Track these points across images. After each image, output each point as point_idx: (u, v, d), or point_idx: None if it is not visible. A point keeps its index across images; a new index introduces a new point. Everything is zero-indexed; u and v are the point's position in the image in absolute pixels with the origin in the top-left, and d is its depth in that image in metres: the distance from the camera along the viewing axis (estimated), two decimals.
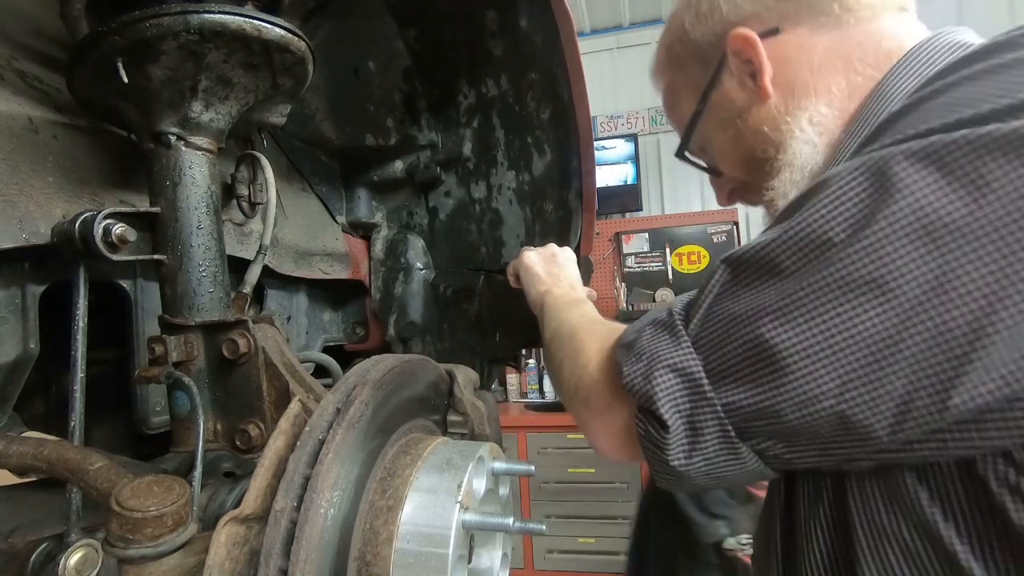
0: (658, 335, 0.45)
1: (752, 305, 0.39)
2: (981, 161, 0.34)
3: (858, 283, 0.35)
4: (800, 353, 0.36)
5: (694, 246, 4.00)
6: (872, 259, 0.35)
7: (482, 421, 0.62)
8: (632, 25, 4.53)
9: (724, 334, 0.40)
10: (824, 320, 0.36)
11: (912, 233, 0.34)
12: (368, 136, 1.10)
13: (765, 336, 0.38)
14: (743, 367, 0.39)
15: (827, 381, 0.36)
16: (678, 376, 0.42)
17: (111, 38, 0.54)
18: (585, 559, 3.12)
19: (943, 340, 0.33)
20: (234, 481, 0.56)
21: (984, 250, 0.33)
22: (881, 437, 0.36)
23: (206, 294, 0.61)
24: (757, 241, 0.42)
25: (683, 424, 0.42)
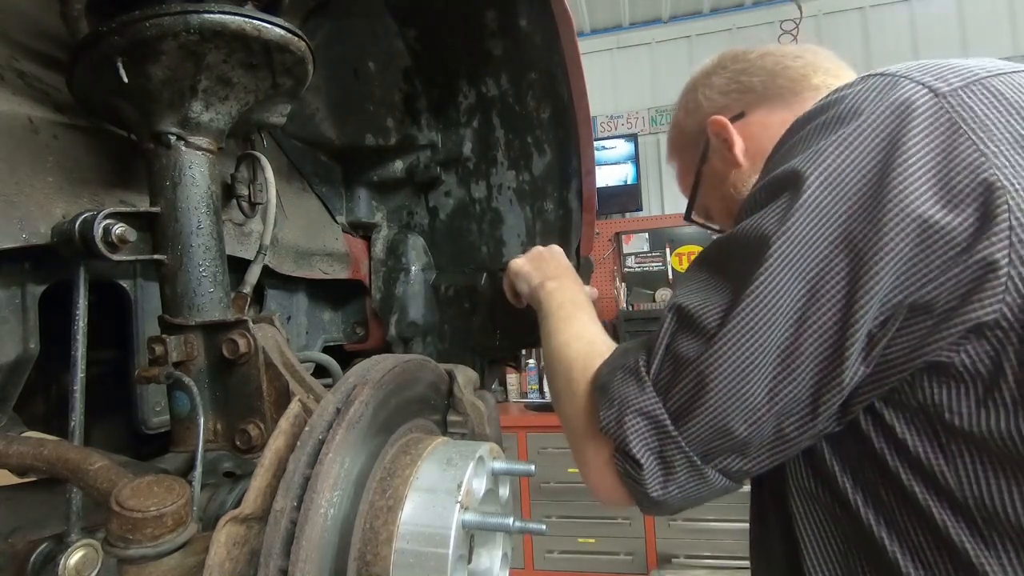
0: (626, 381, 0.52)
1: (692, 348, 0.49)
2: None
3: (760, 314, 0.46)
4: (730, 377, 0.46)
5: (694, 246, 4.00)
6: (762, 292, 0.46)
7: (482, 421, 0.62)
8: (632, 25, 4.53)
9: (675, 376, 0.49)
10: (740, 347, 0.46)
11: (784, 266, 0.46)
12: (368, 136, 1.10)
13: (703, 371, 0.47)
14: (694, 401, 0.47)
15: (757, 393, 0.45)
16: (645, 419, 0.49)
17: (111, 38, 0.54)
18: (585, 559, 3.12)
19: (824, 335, 0.44)
20: (234, 481, 0.56)
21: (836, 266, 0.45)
22: (808, 429, 0.46)
23: (206, 294, 0.61)
24: (688, 285, 0.53)
25: (655, 460, 0.49)
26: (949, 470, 0.44)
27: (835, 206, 0.45)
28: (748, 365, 0.45)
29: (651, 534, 3.05)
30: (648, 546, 3.05)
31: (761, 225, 0.48)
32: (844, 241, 0.44)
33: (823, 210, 0.45)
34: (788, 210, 0.46)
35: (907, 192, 0.43)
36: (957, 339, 0.42)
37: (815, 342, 0.44)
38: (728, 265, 0.50)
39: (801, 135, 0.52)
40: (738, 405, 0.45)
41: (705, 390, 0.46)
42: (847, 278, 0.44)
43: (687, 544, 3.00)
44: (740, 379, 0.45)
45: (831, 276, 0.44)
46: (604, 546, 3.10)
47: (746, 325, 0.45)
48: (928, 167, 0.44)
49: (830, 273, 0.44)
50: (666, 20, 4.46)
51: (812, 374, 0.45)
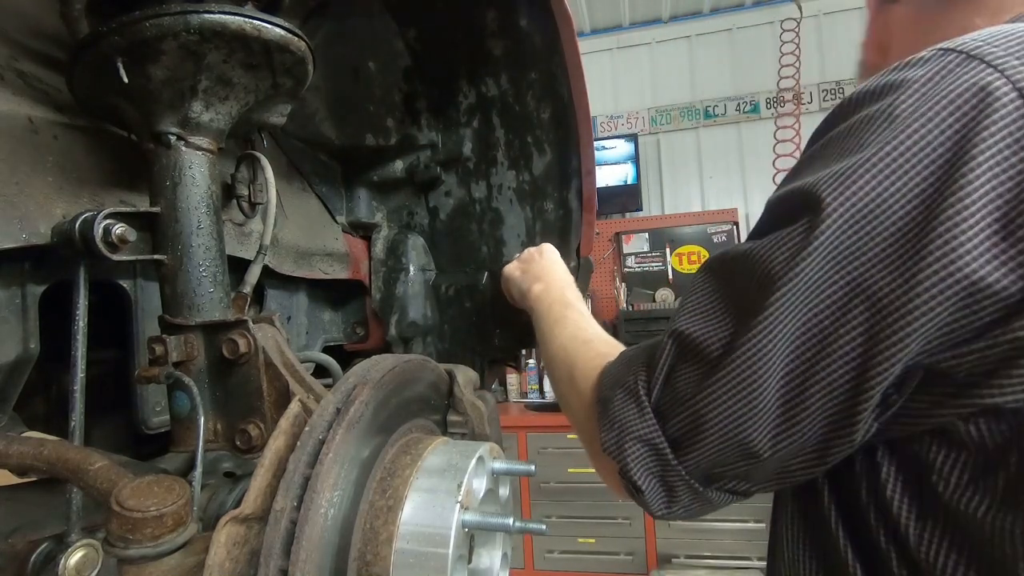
0: (626, 403, 0.50)
1: (690, 382, 0.46)
2: None
3: (761, 359, 0.41)
4: (728, 423, 0.43)
5: (694, 246, 4.00)
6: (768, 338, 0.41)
7: (482, 421, 0.62)
8: (632, 25, 4.53)
9: (674, 408, 0.47)
10: (740, 391, 0.42)
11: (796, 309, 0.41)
12: (368, 136, 1.10)
13: (701, 411, 0.44)
14: (692, 436, 0.45)
15: (759, 439, 0.42)
16: (645, 446, 0.48)
17: (111, 38, 0.54)
18: (585, 559, 3.12)
19: (836, 393, 0.39)
20: (234, 481, 0.56)
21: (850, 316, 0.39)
22: (816, 469, 0.44)
23: (206, 294, 0.61)
24: (689, 312, 0.48)
25: (657, 484, 0.48)
26: (914, 528, 0.41)
27: (859, 249, 0.38)
28: (747, 410, 0.42)
29: (651, 534, 3.05)
30: (648, 546, 3.05)
31: (772, 256, 0.42)
32: (865, 292, 0.38)
33: (843, 253, 0.38)
34: (803, 245, 0.40)
35: (958, 243, 0.35)
36: (971, 413, 0.38)
37: (823, 398, 0.40)
38: (734, 291, 0.46)
39: (843, 129, 0.43)
40: (737, 446, 0.43)
41: (702, 428, 0.44)
42: (865, 335, 0.38)
43: (687, 544, 3.00)
44: (738, 423, 0.42)
45: (846, 330, 0.38)
46: (604, 546, 3.10)
47: (747, 368, 0.41)
48: (993, 203, 0.35)
49: (846, 327, 0.38)
50: (666, 20, 4.46)
51: (819, 429, 0.41)
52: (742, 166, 4.23)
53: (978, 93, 0.36)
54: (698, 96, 4.35)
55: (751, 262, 0.44)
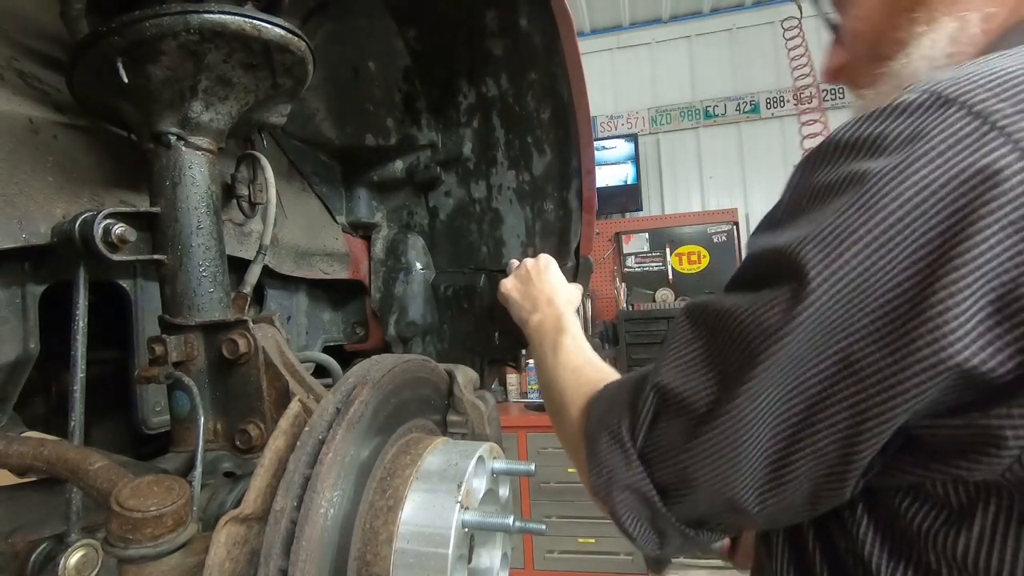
0: (612, 449, 0.49)
1: (674, 438, 0.45)
2: None
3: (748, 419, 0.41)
4: (715, 482, 0.43)
5: (694, 246, 4.01)
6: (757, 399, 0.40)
7: (482, 421, 0.62)
8: (632, 25, 4.53)
9: (660, 460, 0.46)
10: (728, 451, 0.42)
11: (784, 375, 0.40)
12: (368, 136, 1.10)
13: (687, 468, 0.44)
14: (680, 488, 0.45)
15: (747, 496, 0.42)
16: (634, 494, 0.48)
17: (111, 38, 0.54)
18: (585, 559, 3.12)
19: (825, 458, 0.39)
20: (234, 481, 0.56)
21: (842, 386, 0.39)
22: (803, 518, 0.45)
23: (206, 294, 0.61)
24: (673, 367, 0.46)
25: (648, 529, 0.48)
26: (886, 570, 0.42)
27: (848, 323, 0.37)
28: (734, 470, 0.42)
29: None
30: None
31: (758, 322, 0.40)
32: (853, 367, 0.37)
33: (831, 326, 0.37)
34: (788, 317, 0.38)
35: (950, 327, 0.33)
36: (941, 477, 0.38)
37: (810, 465, 0.40)
38: (718, 350, 0.44)
39: (828, 181, 0.40)
40: (725, 501, 0.43)
41: (690, 483, 0.44)
42: (852, 410, 0.37)
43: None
44: (726, 482, 0.42)
45: (834, 403, 0.38)
46: (604, 546, 3.10)
47: (733, 431, 0.41)
48: (989, 284, 0.33)
49: (833, 399, 0.38)
50: (666, 20, 4.46)
51: (806, 491, 0.41)
52: (742, 166, 4.23)
53: (983, 170, 0.33)
54: (698, 96, 4.36)
55: (736, 324, 0.42)
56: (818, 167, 0.42)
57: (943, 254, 0.34)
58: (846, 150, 0.40)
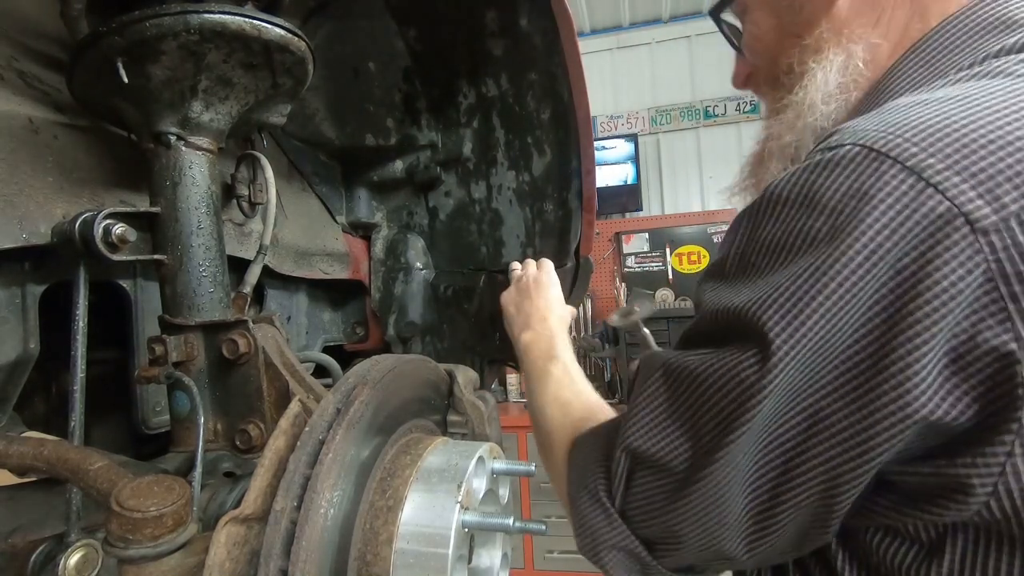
0: (593, 509, 0.49)
1: (654, 499, 0.46)
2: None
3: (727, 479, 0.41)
4: (702, 537, 0.43)
5: (694, 246, 4.00)
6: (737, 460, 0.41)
7: (482, 421, 0.62)
8: (632, 25, 4.53)
9: (643, 519, 0.46)
10: (712, 509, 0.42)
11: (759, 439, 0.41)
12: (368, 136, 1.10)
13: (673, 527, 0.44)
14: (668, 545, 0.46)
15: (735, 547, 0.43)
16: (622, 552, 0.48)
17: (111, 38, 0.54)
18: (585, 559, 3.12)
19: (811, 507, 0.40)
20: (234, 481, 0.56)
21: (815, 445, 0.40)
22: (788, 555, 0.46)
23: (206, 294, 0.61)
24: (643, 428, 0.46)
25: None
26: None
27: (815, 383, 0.38)
28: (720, 527, 0.42)
29: None
30: None
31: (727, 388, 0.41)
32: (823, 423, 0.38)
33: (798, 387, 0.38)
34: (757, 384, 0.39)
35: (912, 383, 0.34)
36: (913, 521, 0.40)
37: (792, 516, 0.40)
38: (688, 413, 0.44)
39: (776, 234, 0.41)
40: (714, 553, 0.44)
41: (678, 542, 0.45)
42: (825, 464, 0.38)
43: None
44: (713, 537, 0.43)
45: (808, 458, 0.39)
46: None
47: (714, 492, 0.42)
48: (944, 337, 0.34)
49: (807, 454, 0.39)
50: (666, 20, 4.46)
51: (793, 534, 0.42)
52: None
53: (926, 228, 0.34)
54: (698, 96, 4.35)
55: (707, 388, 0.42)
56: (764, 222, 0.42)
57: (897, 311, 0.35)
58: (789, 205, 0.40)
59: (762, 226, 0.42)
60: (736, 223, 0.46)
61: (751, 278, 0.42)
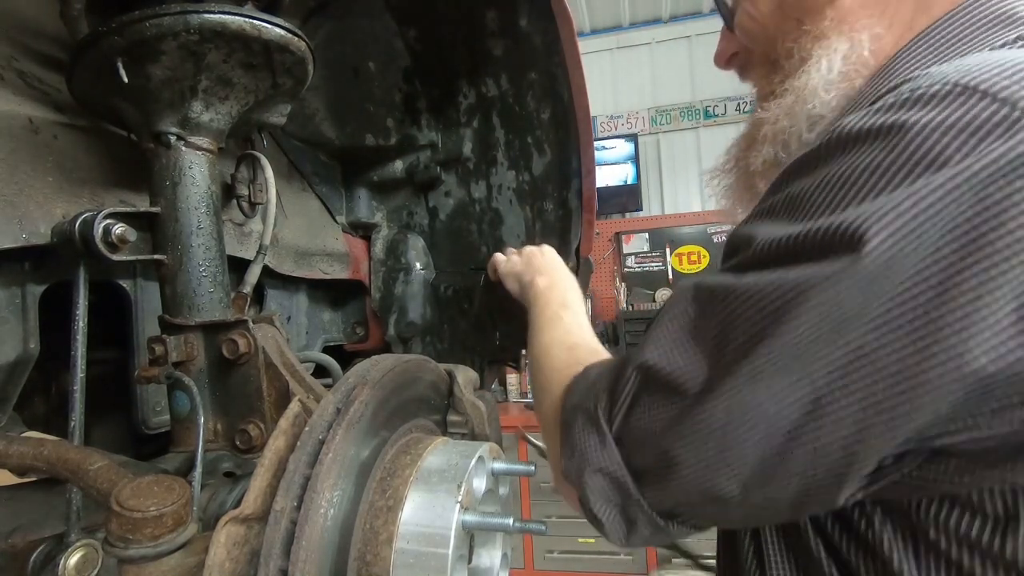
0: (587, 431, 0.47)
1: (658, 419, 0.43)
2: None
3: (743, 407, 0.38)
4: (700, 468, 0.40)
5: (694, 246, 4.01)
6: (755, 387, 0.38)
7: (482, 421, 0.62)
8: (632, 25, 4.53)
9: (640, 442, 0.44)
10: (718, 438, 0.39)
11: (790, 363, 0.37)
12: (368, 136, 1.10)
13: (670, 452, 0.42)
14: (659, 474, 0.43)
15: (729, 488, 0.40)
16: (607, 478, 0.46)
17: (111, 38, 0.54)
18: (585, 559, 3.12)
19: (823, 460, 0.37)
20: (234, 481, 0.56)
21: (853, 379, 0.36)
22: (785, 519, 0.43)
23: (206, 294, 0.61)
24: (659, 347, 0.44)
25: (617, 516, 0.46)
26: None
27: (866, 312, 0.35)
28: (721, 458, 0.39)
29: None
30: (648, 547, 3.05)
31: (764, 304, 0.38)
32: (869, 358, 0.35)
33: (848, 313, 0.35)
34: (799, 299, 0.36)
35: (977, 328, 0.32)
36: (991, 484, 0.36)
37: (807, 461, 0.37)
38: (714, 329, 0.42)
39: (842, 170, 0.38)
40: (706, 492, 0.41)
41: (671, 470, 0.42)
42: (863, 403, 0.35)
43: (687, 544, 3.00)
44: (710, 469, 0.40)
45: (843, 395, 0.35)
46: (604, 546, 3.10)
47: (726, 415, 0.39)
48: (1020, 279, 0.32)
49: (844, 391, 0.35)
50: (666, 20, 4.46)
51: (796, 489, 0.38)
52: None
53: (1017, 157, 0.32)
54: (698, 96, 4.35)
55: (738, 303, 0.40)
56: (837, 159, 0.40)
57: (975, 247, 0.32)
58: (870, 140, 0.38)
59: (835, 162, 0.39)
60: (787, 174, 0.43)
61: (820, 213, 0.39)
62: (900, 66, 0.48)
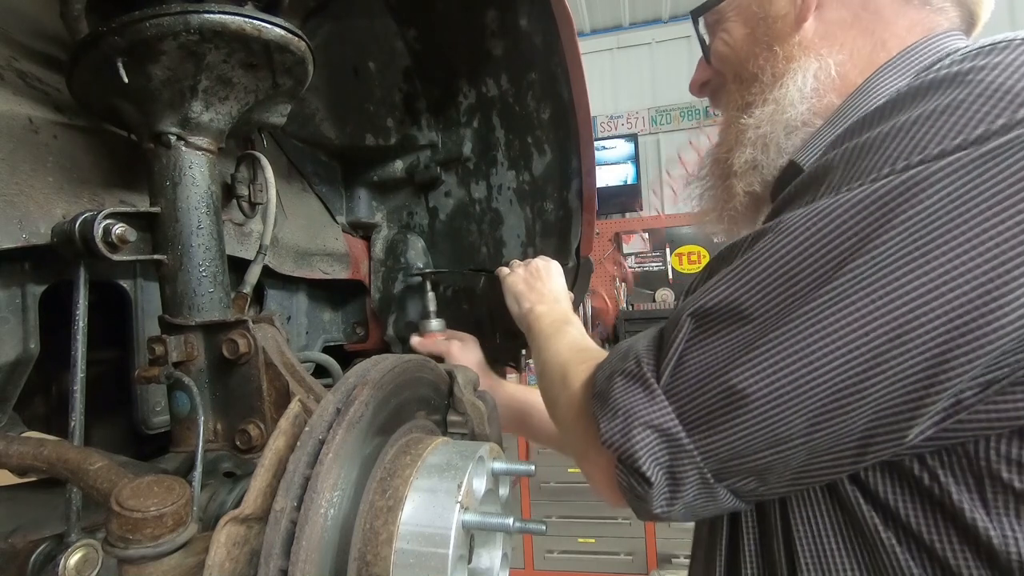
0: (630, 388, 0.45)
1: (721, 354, 0.41)
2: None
3: (824, 330, 0.38)
4: (769, 398, 0.39)
5: (694, 246, 4.01)
6: (837, 309, 0.37)
7: (482, 421, 0.62)
8: (632, 25, 4.53)
9: (697, 384, 0.42)
10: (790, 366, 0.38)
11: (874, 285, 0.37)
12: (368, 136, 1.10)
13: (736, 385, 0.40)
14: (718, 415, 0.41)
15: (797, 422, 0.38)
16: (656, 432, 0.43)
17: (111, 38, 0.54)
18: (585, 559, 3.13)
19: (902, 385, 0.36)
20: (234, 481, 0.56)
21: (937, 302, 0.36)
22: (844, 467, 0.41)
23: (206, 294, 0.61)
24: (719, 289, 0.43)
25: (664, 476, 0.44)
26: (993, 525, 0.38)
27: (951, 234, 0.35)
28: (794, 387, 0.38)
29: (651, 534, 3.05)
30: (648, 546, 3.05)
31: (850, 226, 0.38)
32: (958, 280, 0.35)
33: (935, 235, 0.36)
34: (888, 222, 0.37)
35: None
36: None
37: (885, 389, 0.37)
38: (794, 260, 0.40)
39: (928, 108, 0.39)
40: (771, 427, 0.39)
41: (735, 406, 0.40)
42: (944, 327, 0.35)
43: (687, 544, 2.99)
44: (780, 400, 0.38)
45: (928, 322, 0.35)
46: (604, 546, 3.10)
47: (803, 340, 0.38)
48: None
49: (927, 316, 0.35)
50: (666, 20, 4.46)
51: (868, 420, 0.38)
52: None
53: None
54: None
55: (821, 236, 0.39)
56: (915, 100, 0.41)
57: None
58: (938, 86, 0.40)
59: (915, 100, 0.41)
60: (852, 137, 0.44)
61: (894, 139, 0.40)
62: (874, 85, 0.54)
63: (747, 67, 0.64)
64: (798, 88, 0.57)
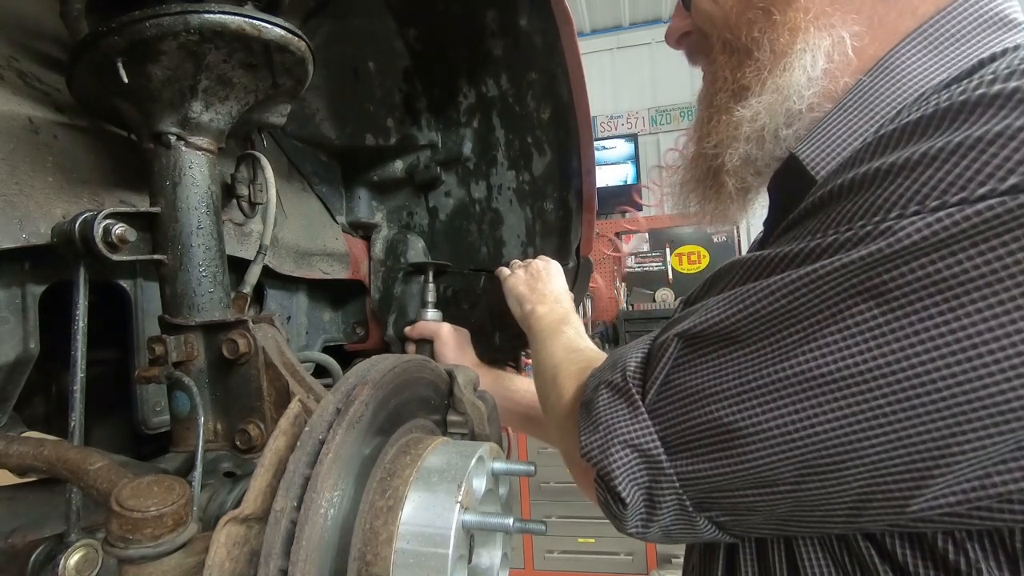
0: (614, 403, 0.43)
1: (710, 381, 0.38)
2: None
3: (823, 378, 0.33)
4: (759, 439, 0.35)
5: (694, 246, 4.01)
6: (839, 357, 0.33)
7: (482, 421, 0.62)
8: (632, 25, 4.54)
9: (682, 408, 0.39)
10: (784, 409, 0.34)
11: (882, 336, 0.31)
12: (368, 136, 1.10)
13: (724, 417, 0.36)
14: (702, 443, 0.38)
15: (784, 468, 0.35)
16: (635, 452, 0.41)
17: (111, 38, 0.54)
18: (585, 559, 3.12)
19: (907, 452, 0.31)
20: (234, 481, 0.56)
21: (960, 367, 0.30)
22: (836, 525, 0.37)
23: (206, 294, 0.61)
24: (711, 316, 0.39)
25: (641, 497, 0.41)
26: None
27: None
28: (783, 429, 0.34)
29: None
30: (648, 546, 3.05)
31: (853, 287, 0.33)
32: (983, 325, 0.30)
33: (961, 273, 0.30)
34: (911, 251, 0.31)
35: None
36: None
37: (887, 452, 0.32)
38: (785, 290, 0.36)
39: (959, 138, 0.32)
40: (756, 468, 0.35)
41: (720, 436, 0.37)
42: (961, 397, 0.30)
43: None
44: (768, 441, 0.34)
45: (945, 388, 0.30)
46: (604, 546, 3.10)
47: (800, 381, 0.33)
48: None
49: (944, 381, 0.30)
50: (666, 20, 4.45)
51: (864, 483, 0.33)
52: None
53: None
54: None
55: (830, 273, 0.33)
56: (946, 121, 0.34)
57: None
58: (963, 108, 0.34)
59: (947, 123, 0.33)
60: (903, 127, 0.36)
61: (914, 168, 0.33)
62: (898, 62, 0.45)
63: (739, 36, 0.53)
64: (806, 72, 0.48)
